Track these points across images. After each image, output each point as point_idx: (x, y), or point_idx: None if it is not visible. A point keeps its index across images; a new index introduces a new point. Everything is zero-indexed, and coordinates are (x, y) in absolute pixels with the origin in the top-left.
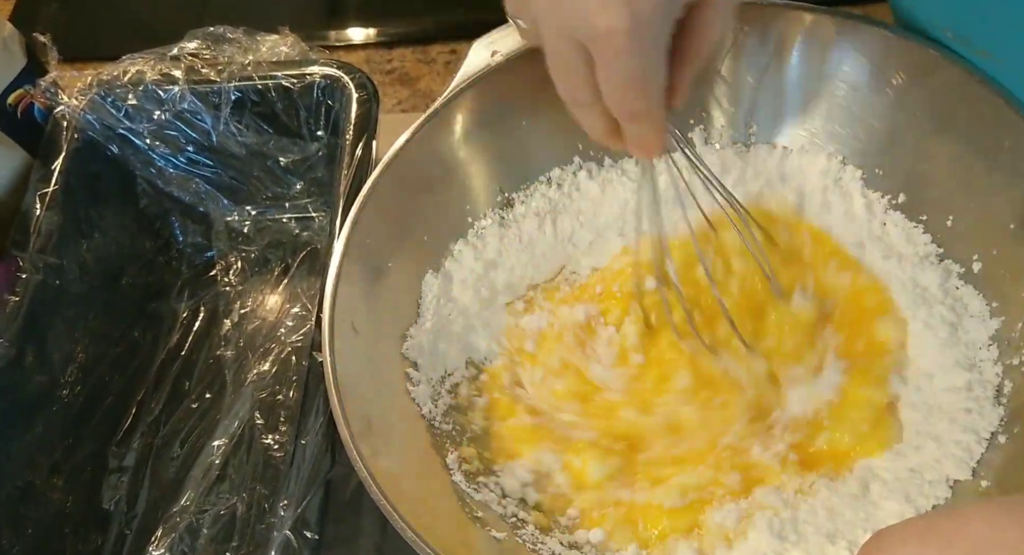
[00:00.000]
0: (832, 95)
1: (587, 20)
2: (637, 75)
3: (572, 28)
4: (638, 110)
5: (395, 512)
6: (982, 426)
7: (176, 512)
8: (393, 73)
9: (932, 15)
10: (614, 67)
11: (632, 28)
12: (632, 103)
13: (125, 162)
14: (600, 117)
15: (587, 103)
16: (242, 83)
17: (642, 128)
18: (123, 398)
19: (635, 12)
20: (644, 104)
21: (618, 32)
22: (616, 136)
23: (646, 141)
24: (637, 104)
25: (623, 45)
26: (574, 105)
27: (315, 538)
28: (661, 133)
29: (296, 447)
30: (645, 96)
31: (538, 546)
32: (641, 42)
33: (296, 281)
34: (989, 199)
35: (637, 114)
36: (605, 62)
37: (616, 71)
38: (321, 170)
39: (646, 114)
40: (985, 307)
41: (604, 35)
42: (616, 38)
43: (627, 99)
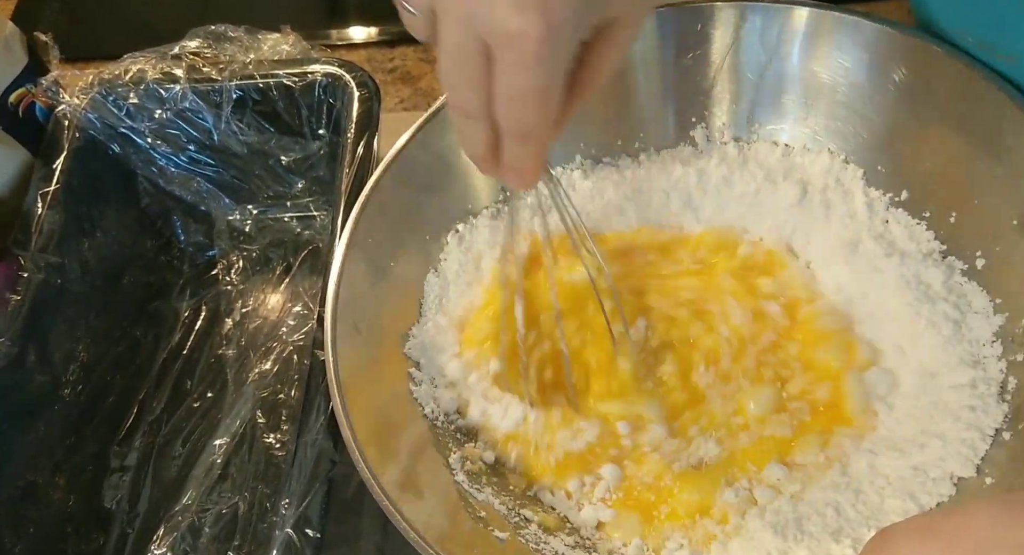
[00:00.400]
0: (834, 92)
1: (499, 19)
2: (540, 88)
3: (480, 25)
4: (530, 128)
5: (397, 512)
6: (986, 423)
7: (178, 511)
8: (395, 72)
9: (954, 20)
10: (518, 75)
11: (546, 34)
12: (527, 121)
13: (127, 161)
14: (484, 133)
15: (475, 115)
16: (243, 82)
17: (526, 150)
18: (125, 397)
19: (550, 20)
20: (538, 122)
21: (531, 37)
22: (493, 158)
23: (525, 167)
24: (532, 120)
25: (533, 51)
26: (461, 115)
27: (317, 537)
28: (541, 160)
29: (298, 446)
30: (542, 113)
31: (541, 546)
32: (550, 52)
33: (298, 280)
34: (992, 195)
35: (528, 133)
36: (509, 70)
37: (519, 79)
38: (323, 169)
39: (537, 134)
40: (989, 304)
41: (516, 37)
42: (527, 43)
43: (523, 113)
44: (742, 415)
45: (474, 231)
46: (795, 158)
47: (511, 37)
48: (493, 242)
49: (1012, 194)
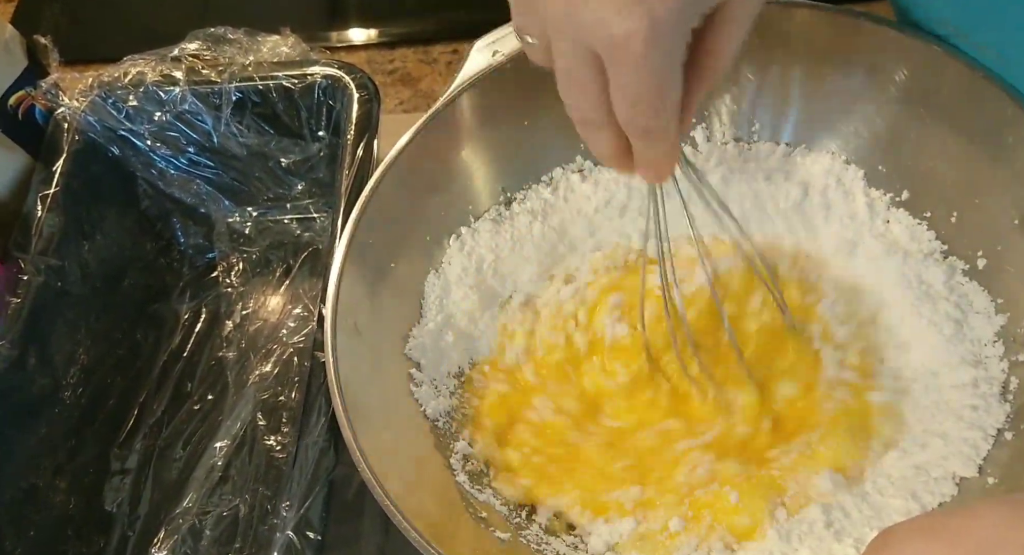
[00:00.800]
0: (834, 92)
1: (603, 26)
2: (654, 86)
3: (586, 36)
4: (652, 127)
5: (398, 513)
6: (988, 423)
7: (178, 514)
8: (395, 73)
9: (932, 11)
10: (630, 77)
11: (650, 34)
12: (647, 118)
13: (126, 163)
14: (611, 138)
15: (598, 123)
16: (243, 84)
17: (655, 147)
18: (125, 400)
19: (654, 17)
20: (659, 120)
21: (636, 37)
22: (626, 158)
23: (657, 162)
24: (652, 120)
25: (641, 52)
26: (584, 125)
27: (318, 539)
28: (674, 152)
29: (298, 448)
30: (661, 110)
31: (542, 547)
32: (659, 50)
33: (298, 282)
34: (993, 195)
35: (651, 131)
36: (621, 72)
37: (632, 82)
38: (322, 171)
39: (660, 131)
40: (990, 303)
41: (622, 41)
42: (634, 44)
43: (641, 113)
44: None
45: (475, 233)
46: (795, 159)
47: (618, 40)
48: (495, 244)
49: (1013, 194)
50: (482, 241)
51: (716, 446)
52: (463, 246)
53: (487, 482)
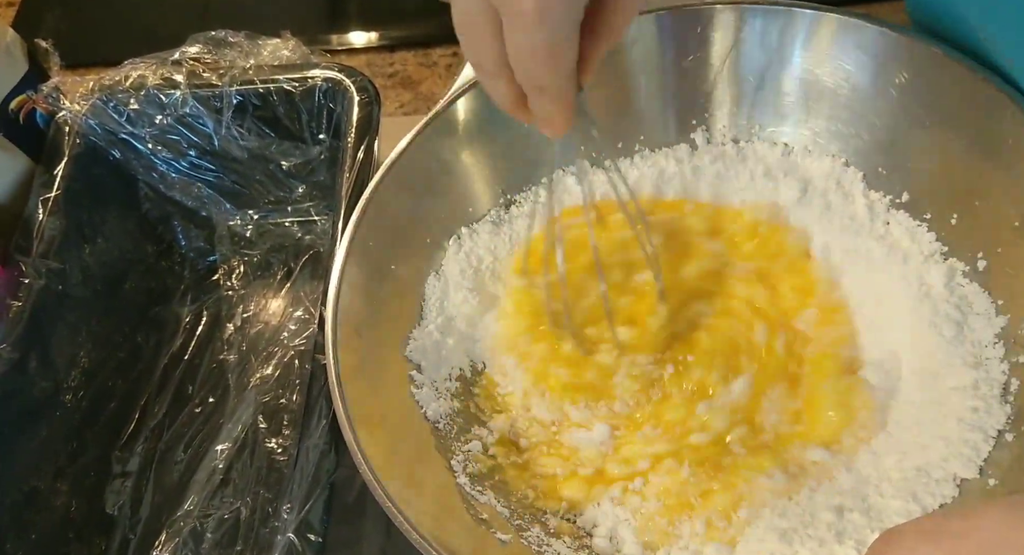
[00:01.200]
0: (835, 94)
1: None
2: (546, 46)
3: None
4: (546, 84)
5: (399, 514)
6: (989, 424)
7: (180, 516)
8: (395, 76)
9: (950, 24)
10: (523, 36)
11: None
12: (540, 76)
13: (127, 167)
14: (507, 86)
15: (493, 72)
16: (244, 87)
17: (550, 103)
18: (126, 403)
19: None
20: (552, 78)
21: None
22: (524, 108)
23: (552, 116)
24: (545, 77)
25: (533, 13)
26: (480, 72)
27: (319, 541)
28: (569, 109)
29: (299, 450)
30: (554, 69)
31: (544, 549)
32: (552, 12)
33: (299, 285)
34: (993, 197)
35: (545, 88)
36: (514, 29)
37: (525, 40)
38: (323, 173)
39: (554, 89)
40: (991, 305)
41: (516, 1)
42: (527, 5)
43: (535, 71)
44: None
45: (475, 235)
46: (795, 160)
47: (512, 2)
48: (495, 246)
49: (1013, 195)
50: (482, 243)
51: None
52: (463, 248)
53: (488, 484)
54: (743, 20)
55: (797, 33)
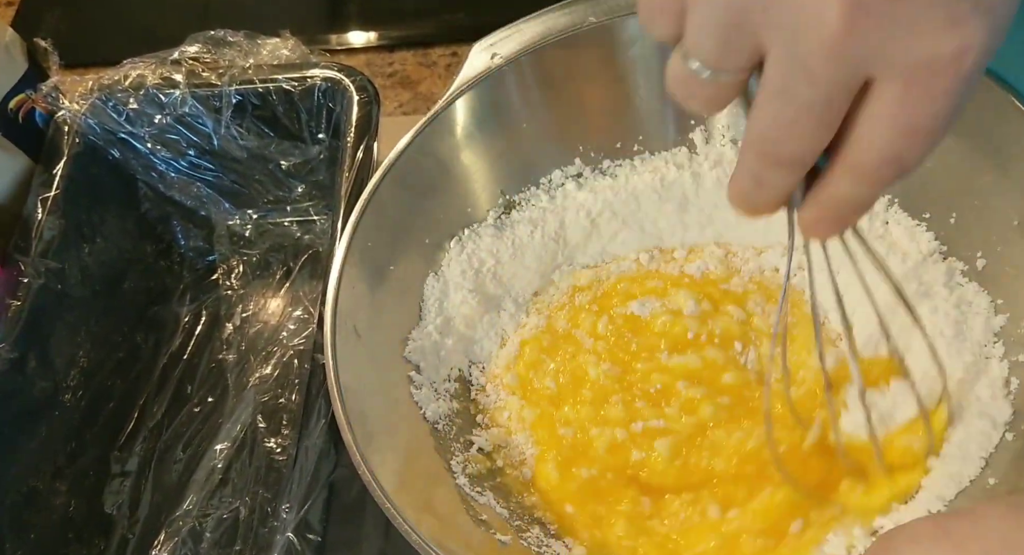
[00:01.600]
0: None
1: (922, 44)
2: (950, 115)
3: (881, 54)
4: (907, 165)
5: (399, 515)
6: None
7: (179, 516)
8: (394, 76)
9: None
10: (929, 106)
11: (987, 48)
12: (911, 153)
13: (126, 166)
14: (798, 177)
15: (806, 161)
16: (243, 86)
17: (867, 191)
18: (125, 402)
19: (996, 27)
20: (921, 156)
21: (973, 50)
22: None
23: (848, 213)
24: (914, 156)
25: (967, 73)
26: (777, 162)
27: (318, 540)
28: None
29: (299, 450)
30: (933, 144)
31: (543, 550)
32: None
33: (298, 284)
34: (992, 196)
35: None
36: (914, 100)
37: (926, 111)
38: (322, 173)
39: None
40: (990, 304)
41: (947, 60)
42: (964, 62)
43: (909, 148)
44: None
45: (475, 237)
46: None
47: (937, 61)
48: (495, 247)
49: (1013, 194)
50: (482, 244)
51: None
52: (463, 249)
53: (488, 485)
54: None
55: None
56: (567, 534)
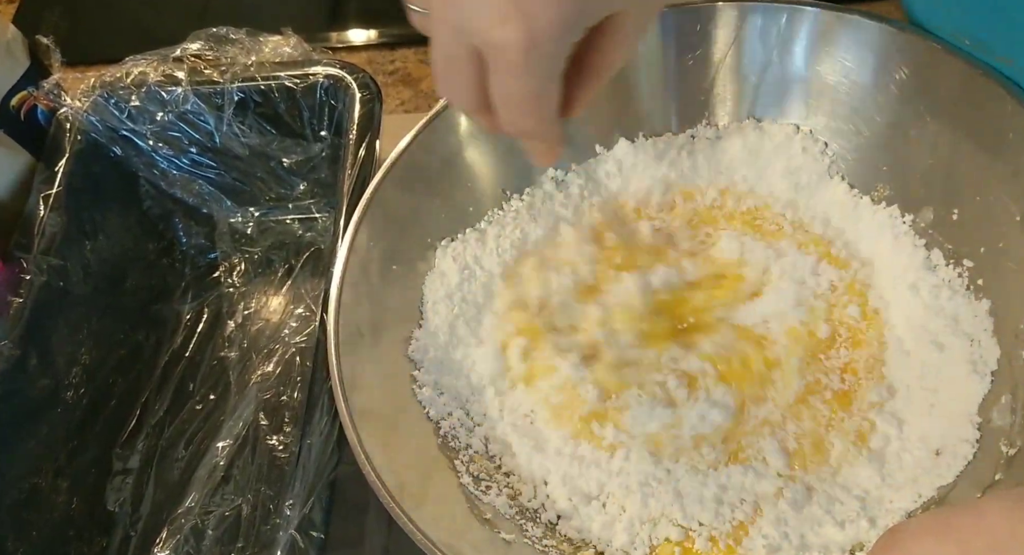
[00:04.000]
0: (835, 91)
1: (483, 28)
2: (528, 94)
3: (468, 30)
4: (529, 129)
5: (403, 514)
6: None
7: (181, 514)
8: (396, 74)
9: (948, 22)
10: (506, 82)
11: (527, 46)
12: (522, 121)
13: (128, 163)
14: (489, 119)
15: (471, 110)
16: (245, 84)
17: (534, 144)
18: (127, 400)
19: (533, 29)
20: (534, 123)
21: (512, 48)
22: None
23: (539, 153)
24: (527, 123)
25: (517, 61)
26: (458, 108)
27: (321, 538)
28: (554, 146)
29: (301, 447)
30: (535, 115)
31: (548, 549)
32: (536, 61)
33: (299, 282)
34: (994, 192)
35: (527, 131)
36: (499, 73)
37: (507, 86)
38: (324, 171)
39: (537, 132)
40: (990, 301)
41: (499, 47)
42: (510, 53)
43: (517, 116)
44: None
45: (477, 234)
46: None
47: (496, 46)
48: (497, 246)
49: (1014, 191)
50: (484, 243)
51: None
52: (465, 247)
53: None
54: (744, 17)
55: (797, 30)
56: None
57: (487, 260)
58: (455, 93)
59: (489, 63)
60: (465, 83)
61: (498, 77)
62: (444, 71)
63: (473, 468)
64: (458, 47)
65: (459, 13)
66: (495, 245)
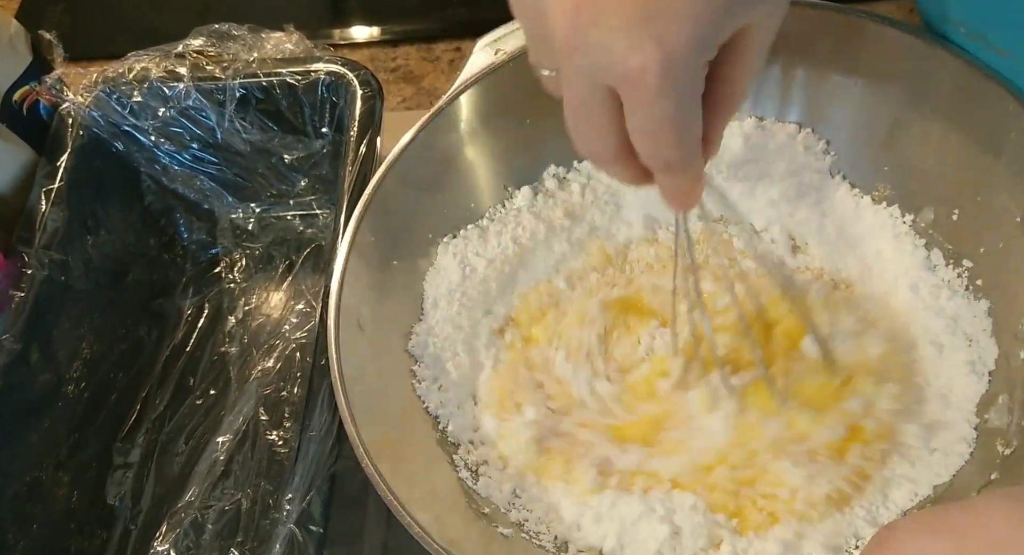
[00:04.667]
0: (836, 90)
1: (616, 58)
2: (672, 119)
3: (599, 68)
4: (674, 159)
5: (401, 508)
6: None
7: (181, 508)
8: (397, 71)
9: (948, 11)
10: (648, 110)
11: (665, 67)
12: (668, 151)
13: (130, 159)
14: (631, 169)
15: (615, 158)
16: (247, 80)
17: (678, 179)
18: (128, 395)
19: (668, 51)
20: (680, 152)
21: (651, 72)
22: (647, 180)
23: (682, 194)
24: (673, 152)
25: (657, 85)
26: (600, 161)
27: (320, 532)
28: (698, 183)
29: (301, 442)
30: (681, 143)
31: (544, 543)
32: (675, 83)
33: (300, 278)
34: (995, 192)
35: (672, 164)
36: (637, 106)
37: (650, 115)
38: (325, 167)
39: (682, 163)
40: (989, 301)
41: (637, 74)
42: (649, 78)
43: (662, 147)
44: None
45: (477, 230)
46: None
47: (633, 73)
48: (498, 243)
49: (1015, 191)
50: (485, 240)
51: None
52: (466, 245)
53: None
54: None
55: (799, 29)
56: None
57: (489, 258)
58: (593, 141)
59: (627, 99)
60: (603, 127)
61: (638, 109)
62: (579, 121)
63: (472, 462)
64: (592, 92)
65: (588, 55)
66: (496, 242)
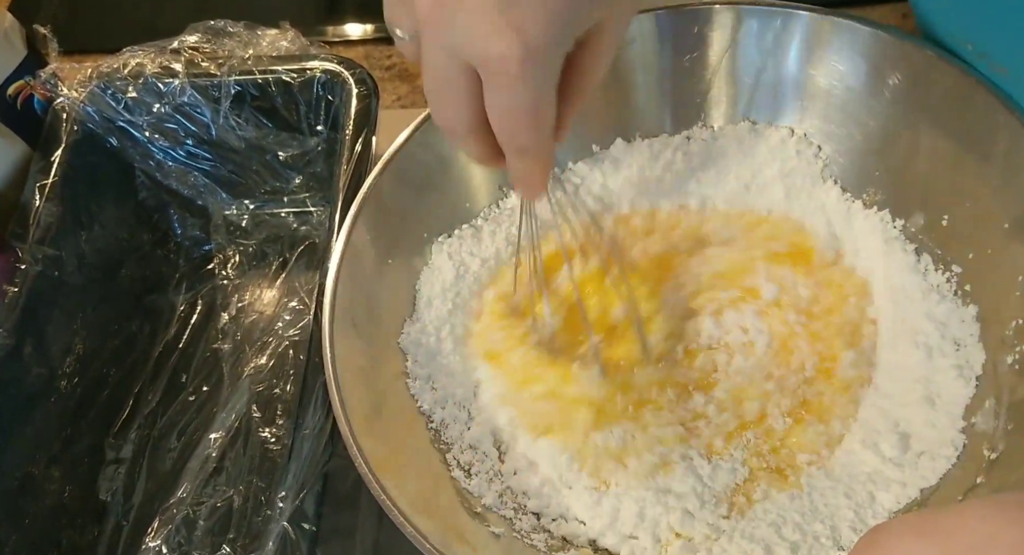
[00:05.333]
0: (829, 95)
1: (478, 42)
2: (530, 107)
3: (461, 46)
4: (527, 144)
5: (394, 507)
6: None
7: (173, 504)
8: (392, 69)
9: (954, 29)
10: (507, 96)
11: (525, 57)
12: (522, 136)
13: (124, 154)
14: (482, 146)
15: (467, 133)
16: (242, 77)
17: (530, 163)
18: (120, 390)
19: (527, 42)
20: (534, 138)
21: (513, 60)
22: (497, 160)
23: (531, 178)
24: (528, 138)
25: (518, 74)
26: (452, 135)
27: (312, 530)
28: (548, 170)
29: (294, 439)
30: (537, 128)
31: (535, 542)
32: (535, 73)
33: (294, 275)
34: (984, 198)
35: (526, 148)
36: (497, 88)
37: (508, 100)
38: (320, 165)
39: (535, 149)
40: (977, 306)
41: (497, 60)
42: (511, 66)
43: (517, 131)
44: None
45: (472, 230)
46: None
47: (492, 60)
48: (492, 242)
49: (1004, 197)
50: (479, 239)
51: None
52: (460, 244)
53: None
54: (740, 21)
55: (793, 34)
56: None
57: (482, 257)
58: (449, 114)
59: (485, 79)
60: (460, 103)
61: (496, 91)
62: (437, 94)
63: (464, 461)
64: (451, 68)
65: (450, 32)
66: (490, 242)
